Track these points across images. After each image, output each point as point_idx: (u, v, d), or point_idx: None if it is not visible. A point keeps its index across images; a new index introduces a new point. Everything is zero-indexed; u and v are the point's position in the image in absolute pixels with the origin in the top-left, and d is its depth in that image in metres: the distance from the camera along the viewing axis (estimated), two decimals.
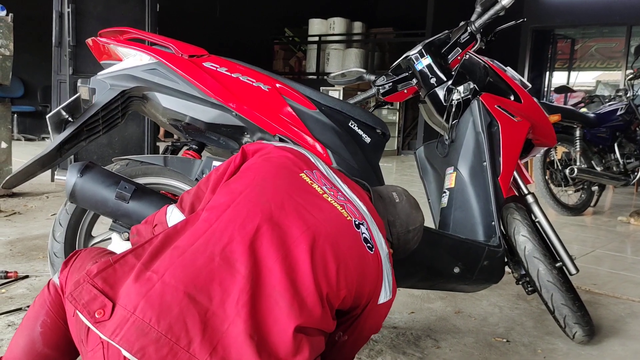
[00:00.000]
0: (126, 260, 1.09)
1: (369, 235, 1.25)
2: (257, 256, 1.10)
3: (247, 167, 1.31)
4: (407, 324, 2.18)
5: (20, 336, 1.24)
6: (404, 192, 1.55)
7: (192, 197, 1.37)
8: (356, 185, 1.44)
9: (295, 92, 1.83)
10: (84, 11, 4.65)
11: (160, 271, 1.04)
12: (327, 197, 1.26)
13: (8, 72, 3.88)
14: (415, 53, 2.07)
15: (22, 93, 9.08)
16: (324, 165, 1.39)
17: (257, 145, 1.38)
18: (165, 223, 1.34)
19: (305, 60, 11.41)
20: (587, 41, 10.19)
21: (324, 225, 1.18)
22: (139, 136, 4.98)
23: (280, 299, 1.07)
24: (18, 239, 3.11)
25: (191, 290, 1.02)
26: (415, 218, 1.51)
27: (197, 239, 1.11)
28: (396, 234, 1.47)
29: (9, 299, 2.20)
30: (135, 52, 1.81)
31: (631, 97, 4.91)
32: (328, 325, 1.15)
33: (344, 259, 1.17)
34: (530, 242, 1.98)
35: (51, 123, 1.74)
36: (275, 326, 1.05)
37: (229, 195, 1.20)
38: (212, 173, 1.36)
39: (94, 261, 1.21)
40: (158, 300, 1.00)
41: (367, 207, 1.35)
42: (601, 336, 2.16)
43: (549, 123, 2.22)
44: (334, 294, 1.14)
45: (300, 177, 1.28)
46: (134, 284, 1.02)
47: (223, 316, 1.02)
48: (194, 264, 1.06)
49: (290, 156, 1.33)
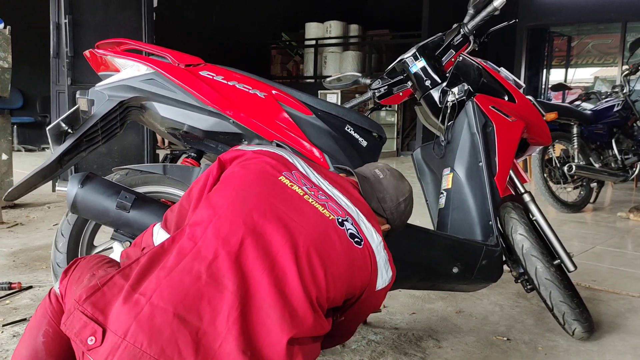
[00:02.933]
0: (114, 281, 1.09)
1: (355, 230, 1.25)
2: (244, 270, 1.10)
3: (226, 176, 1.30)
4: (408, 325, 2.19)
5: (23, 347, 1.25)
6: (385, 167, 1.56)
7: (176, 216, 1.35)
8: (338, 177, 1.43)
9: (291, 98, 1.85)
10: (81, 22, 4.67)
11: (147, 293, 1.04)
12: (308, 197, 1.25)
13: (7, 84, 3.90)
14: (409, 56, 2.09)
15: (21, 104, 9.11)
16: (303, 164, 1.38)
17: (233, 153, 1.37)
18: (153, 246, 1.32)
19: (303, 64, 11.45)
20: (583, 38, 10.21)
21: (307, 230, 1.18)
22: (138, 145, 5.00)
23: (271, 311, 1.07)
24: (21, 249, 3.13)
25: (180, 311, 1.02)
26: (403, 188, 1.52)
27: (183, 258, 1.10)
28: (389, 209, 1.48)
29: (13, 310, 2.22)
30: (132, 62, 1.83)
31: (628, 93, 4.93)
32: (322, 328, 1.16)
33: (330, 260, 1.17)
34: (528, 241, 2.00)
35: (51, 135, 1.76)
36: (268, 338, 1.05)
37: (210, 210, 1.19)
38: (193, 187, 1.34)
39: (91, 273, 1.22)
40: (148, 324, 1.00)
41: (351, 199, 1.34)
42: (601, 332, 2.17)
43: (544, 122, 2.24)
44: (324, 297, 1.15)
45: (279, 181, 1.27)
46: (122, 307, 1.02)
47: (214, 334, 1.02)
48: (181, 284, 1.05)
49: (268, 160, 1.31)
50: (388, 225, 1.49)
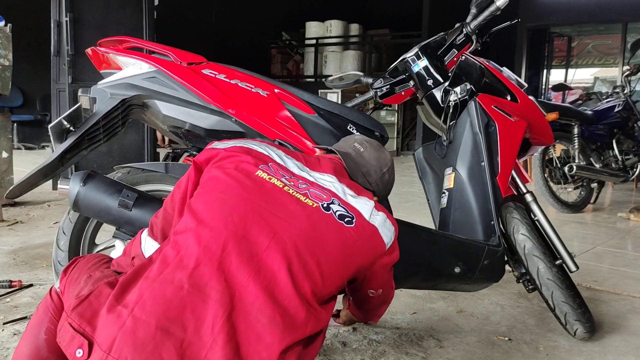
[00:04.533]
0: (100, 290, 1.09)
1: (344, 209, 1.24)
2: (228, 276, 1.08)
3: (205, 180, 1.27)
4: (409, 325, 2.19)
5: (24, 344, 1.25)
6: (364, 139, 1.56)
7: (161, 222, 1.33)
8: (321, 158, 1.42)
9: (293, 97, 1.85)
10: (82, 20, 4.67)
11: (130, 305, 1.03)
12: (288, 189, 1.23)
13: (8, 82, 3.89)
14: (411, 55, 2.09)
15: (22, 102, 9.10)
16: (280, 153, 1.35)
17: (206, 154, 1.33)
18: (142, 255, 1.31)
19: (303, 63, 11.44)
20: (583, 38, 10.21)
21: (292, 223, 1.17)
22: (139, 144, 5.00)
23: (260, 315, 1.05)
24: (21, 247, 3.13)
25: (163, 323, 1.01)
26: (384, 159, 1.53)
27: (166, 268, 1.09)
28: (374, 181, 1.50)
29: (14, 308, 2.22)
30: (134, 60, 1.83)
31: (628, 94, 4.93)
32: (318, 322, 1.14)
33: (321, 249, 1.16)
34: (530, 241, 2.00)
35: (53, 133, 1.76)
36: (259, 344, 1.04)
37: (191, 217, 1.17)
38: (175, 191, 1.32)
39: (87, 274, 1.22)
40: (131, 338, 0.99)
41: (336, 176, 1.33)
42: (603, 332, 2.17)
43: (546, 122, 2.23)
44: (320, 287, 1.14)
45: (257, 177, 1.24)
46: (107, 318, 1.02)
47: (200, 344, 1.01)
48: (163, 295, 1.04)
49: (243, 156, 1.29)
50: (375, 197, 1.50)
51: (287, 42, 12.43)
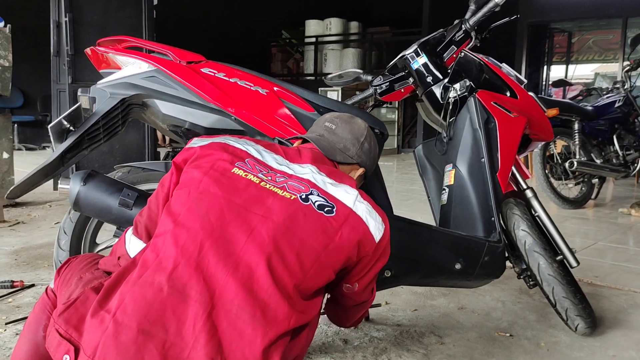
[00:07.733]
0: (87, 296, 1.10)
1: (324, 199, 1.22)
2: (207, 275, 1.08)
3: (182, 181, 1.26)
4: (410, 321, 2.19)
5: (23, 342, 1.26)
6: (333, 116, 1.55)
7: (146, 220, 1.32)
8: (298, 150, 1.40)
9: (293, 95, 1.85)
10: (81, 20, 4.68)
11: (112, 310, 1.04)
12: (265, 184, 1.22)
13: (8, 82, 3.89)
14: (411, 52, 2.09)
15: (22, 103, 9.12)
16: (258, 148, 1.34)
17: (184, 154, 1.32)
18: (127, 254, 1.31)
19: (303, 61, 11.44)
20: (584, 34, 10.21)
21: (269, 218, 1.16)
22: (139, 143, 5.01)
23: (240, 312, 1.06)
24: (23, 248, 3.14)
25: (145, 326, 1.02)
26: (358, 129, 1.51)
27: (146, 271, 1.09)
28: (355, 154, 1.48)
29: (16, 308, 2.23)
30: (134, 60, 1.83)
31: (629, 89, 4.93)
32: (302, 314, 1.13)
33: (301, 242, 1.15)
34: (530, 237, 2.00)
35: (53, 133, 1.76)
36: (241, 341, 1.04)
37: (169, 218, 1.17)
38: (159, 190, 1.32)
39: (78, 276, 1.23)
40: (114, 342, 1.00)
41: (316, 165, 1.32)
42: (604, 328, 2.17)
43: (546, 118, 2.23)
44: (301, 280, 1.13)
45: (233, 174, 1.23)
46: (90, 324, 1.03)
47: (182, 344, 1.02)
48: (144, 298, 1.05)
49: (219, 154, 1.28)
50: (362, 168, 1.49)
51: (287, 41, 12.43)
